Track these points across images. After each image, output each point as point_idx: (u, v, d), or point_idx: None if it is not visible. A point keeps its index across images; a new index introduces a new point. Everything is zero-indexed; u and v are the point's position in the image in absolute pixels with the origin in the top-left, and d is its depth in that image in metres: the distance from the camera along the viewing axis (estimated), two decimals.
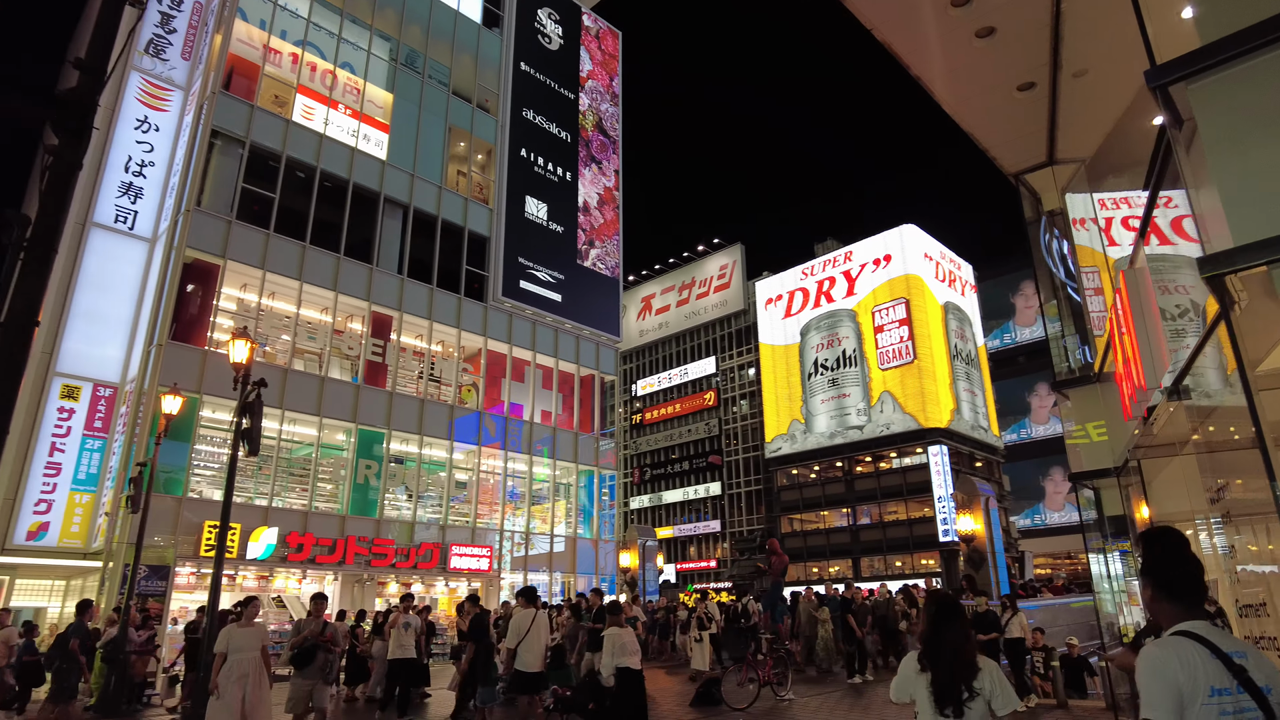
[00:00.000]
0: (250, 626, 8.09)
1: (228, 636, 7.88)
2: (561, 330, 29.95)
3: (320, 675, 8.06)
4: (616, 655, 8.67)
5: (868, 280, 55.10)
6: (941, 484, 49.51)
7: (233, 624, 8.24)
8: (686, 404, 67.79)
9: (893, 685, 3.36)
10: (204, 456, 20.83)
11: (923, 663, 3.17)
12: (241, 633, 7.97)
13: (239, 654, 7.80)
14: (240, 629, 8.02)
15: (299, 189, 23.62)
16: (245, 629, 8.04)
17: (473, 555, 24.15)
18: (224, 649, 7.81)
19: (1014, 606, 11.55)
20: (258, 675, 7.85)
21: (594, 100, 34.02)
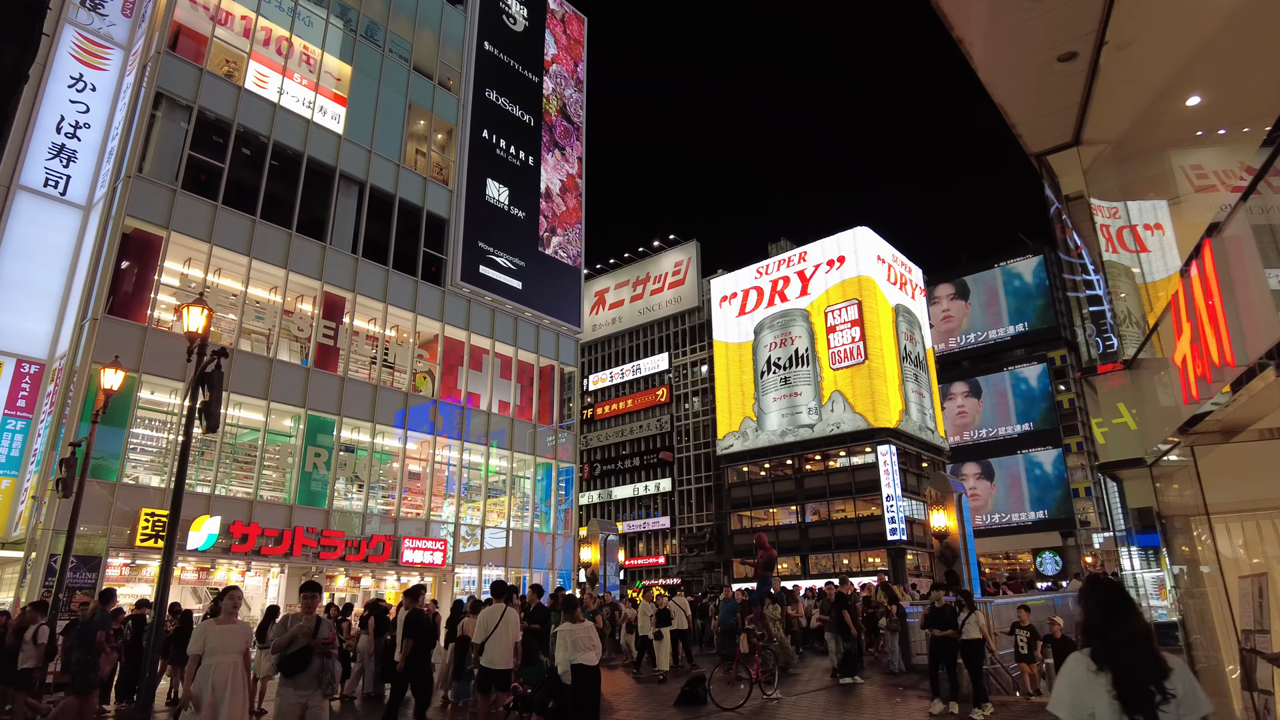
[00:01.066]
0: (231, 624, 6.77)
1: (204, 635, 6.60)
2: (521, 319, 29.14)
3: (316, 685, 6.50)
4: (570, 651, 8.46)
5: (821, 281, 55.48)
6: (890, 483, 50.15)
7: (209, 621, 6.87)
8: (638, 400, 67.40)
9: (1058, 696, 2.78)
10: (141, 440, 19.50)
11: (1098, 661, 2.66)
12: (221, 631, 6.64)
13: (216, 657, 6.51)
14: (219, 626, 6.69)
15: (250, 160, 22.37)
16: (225, 626, 6.72)
17: (425, 549, 23.24)
18: (199, 650, 6.51)
19: (971, 604, 10.79)
20: (237, 683, 6.57)
21: (558, 85, 33.26)
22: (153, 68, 20.48)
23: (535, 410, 28.82)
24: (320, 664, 6.57)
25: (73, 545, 12.12)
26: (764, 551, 13.04)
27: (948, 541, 16.15)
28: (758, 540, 13.46)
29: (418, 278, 25.61)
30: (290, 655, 6.51)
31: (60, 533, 16.88)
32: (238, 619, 6.92)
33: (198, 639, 6.58)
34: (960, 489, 16.90)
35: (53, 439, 18.24)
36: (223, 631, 6.67)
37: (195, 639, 6.59)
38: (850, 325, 52.93)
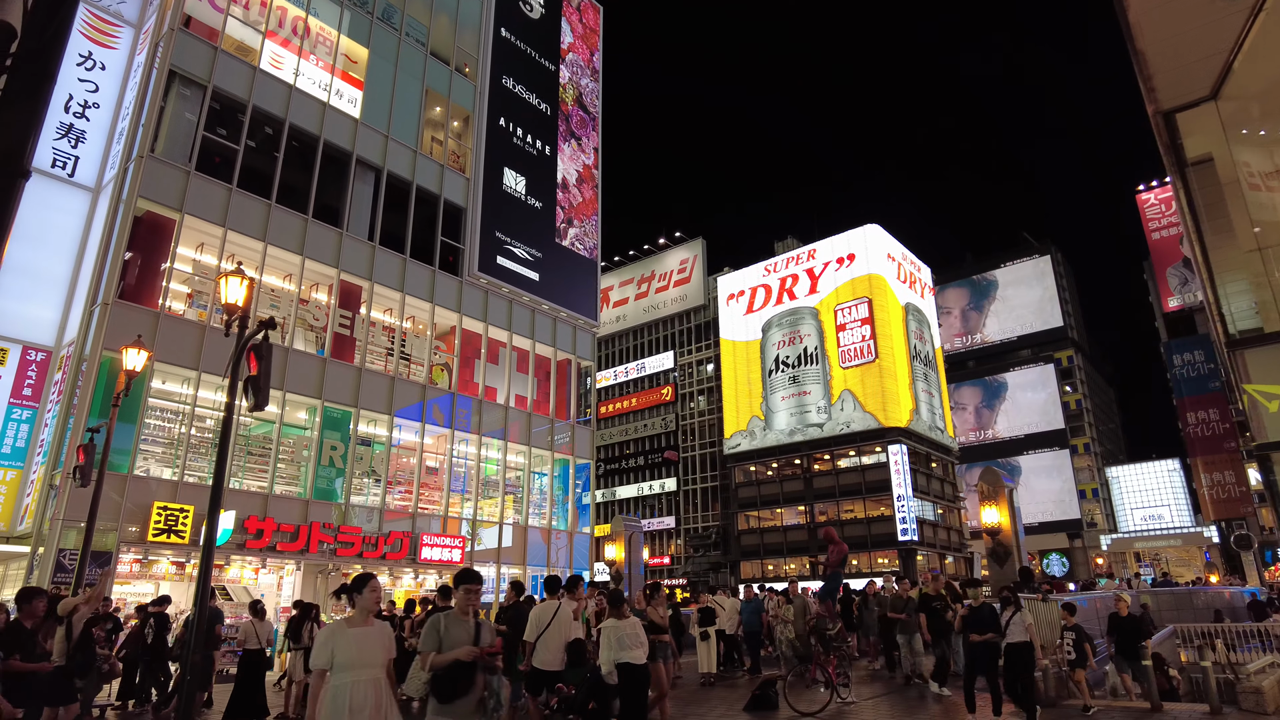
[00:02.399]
0: (369, 626, 4.82)
1: (332, 641, 4.64)
2: (539, 311, 28.41)
3: (481, 713, 4.88)
4: (615, 650, 7.90)
5: (831, 278, 54.90)
6: (901, 483, 49.59)
7: (338, 623, 4.87)
8: (643, 399, 66.70)
9: None
10: (153, 431, 18.70)
11: None
12: (357, 636, 4.69)
13: (353, 673, 4.58)
14: (354, 629, 4.73)
15: (265, 143, 21.60)
16: (362, 630, 4.74)
17: (444, 546, 22.49)
18: (326, 662, 4.59)
19: (1017, 601, 9.50)
20: (383, 707, 4.65)
21: (574, 74, 32.56)
22: (165, 46, 19.69)
23: (552, 405, 28.09)
24: (484, 682, 4.94)
25: (92, 538, 11.35)
26: (835, 546, 12.35)
27: (1000, 538, 15.48)
28: (826, 535, 12.76)
29: (435, 267, 24.86)
30: (449, 675, 4.77)
31: (71, 526, 16.12)
32: (375, 621, 4.97)
33: (324, 647, 4.63)
34: (1010, 484, 16.26)
35: (61, 429, 17.45)
36: (360, 637, 4.69)
37: (321, 647, 4.64)
38: (860, 323, 52.36)
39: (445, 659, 4.87)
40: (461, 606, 5.18)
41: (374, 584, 4.96)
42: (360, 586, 4.92)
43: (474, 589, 5.22)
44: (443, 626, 5.03)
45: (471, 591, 5.21)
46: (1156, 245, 63.32)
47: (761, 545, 54.80)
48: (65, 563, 16.02)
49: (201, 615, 7.76)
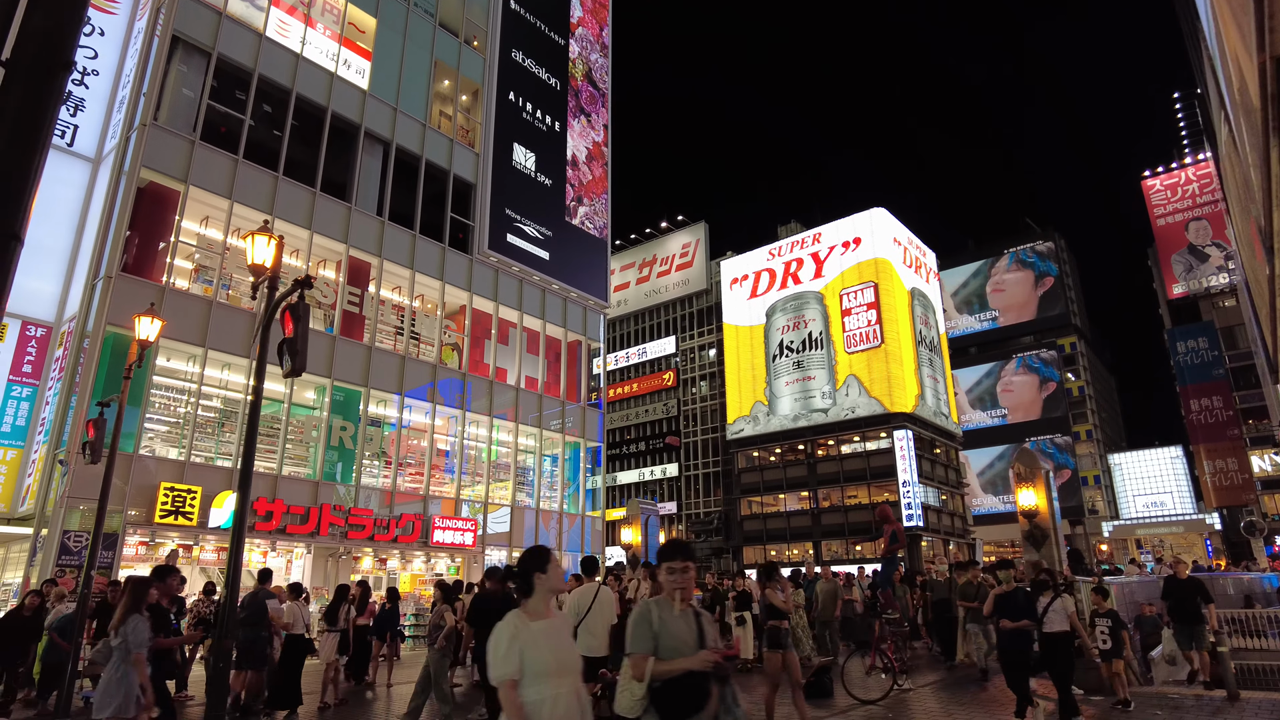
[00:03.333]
0: (551, 618, 3.46)
1: (514, 637, 3.29)
2: (549, 291, 27.80)
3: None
4: None
5: (836, 262, 54.32)
6: (907, 468, 49.24)
7: (517, 615, 3.38)
8: (644, 384, 66.16)
9: None
10: (159, 409, 18.09)
11: None
12: (546, 632, 3.37)
13: (552, 683, 3.28)
14: (539, 622, 3.38)
15: (271, 113, 20.89)
16: (547, 624, 3.41)
17: (456, 529, 21.97)
18: (515, 670, 3.24)
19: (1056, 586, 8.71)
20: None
21: (584, 49, 31.80)
22: (168, 10, 18.92)
23: (563, 387, 27.53)
24: (721, 698, 3.68)
25: (104, 518, 10.76)
26: (889, 526, 11.84)
27: (1037, 521, 15.03)
28: (881, 514, 12.26)
29: (445, 244, 24.22)
30: (677, 689, 3.50)
31: (74, 507, 15.54)
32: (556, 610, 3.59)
33: (509, 650, 3.26)
34: (1048, 467, 15.80)
35: (63, 406, 16.82)
36: (549, 634, 3.37)
37: (506, 651, 3.26)
38: (866, 308, 51.84)
39: (672, 668, 3.51)
40: (677, 588, 3.72)
41: (556, 559, 3.56)
42: (542, 563, 3.45)
43: (683, 567, 3.75)
44: (656, 620, 3.62)
45: (678, 571, 3.72)
46: (1161, 232, 62.98)
47: (765, 530, 54.48)
48: (70, 545, 15.45)
49: (233, 599, 7.19)
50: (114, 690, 5.75)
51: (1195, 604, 10.67)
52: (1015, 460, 15.77)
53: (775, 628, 7.73)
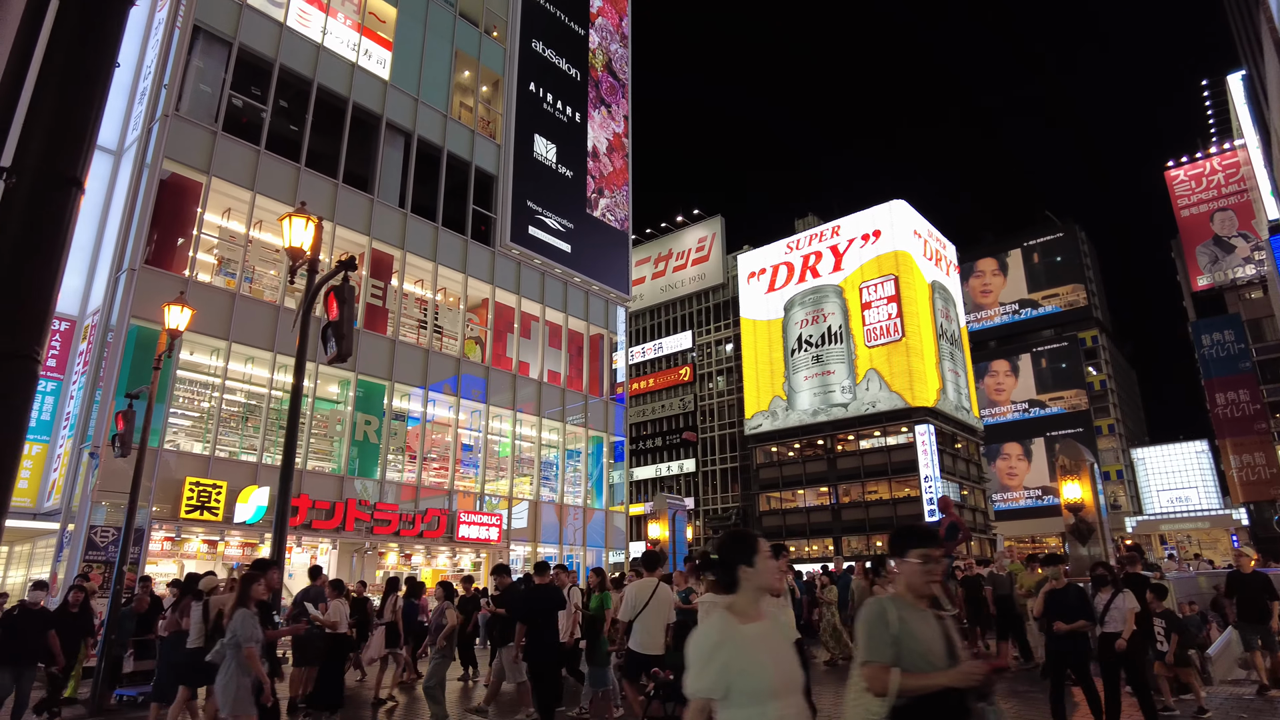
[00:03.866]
0: (761, 620, 2.71)
1: (724, 646, 2.58)
2: (571, 284, 27.47)
3: None
4: None
5: (856, 256, 53.77)
6: (929, 463, 48.72)
7: (724, 616, 2.67)
8: (661, 379, 65.84)
9: None
10: (182, 404, 17.89)
11: None
12: (761, 638, 2.63)
13: (778, 705, 2.55)
14: (750, 627, 2.65)
15: (293, 103, 20.64)
16: (762, 629, 2.67)
17: (481, 524, 21.70)
18: (713, 685, 2.56)
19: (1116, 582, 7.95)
20: None
21: (603, 39, 31.42)
22: (189, 0, 18.68)
23: (586, 380, 27.22)
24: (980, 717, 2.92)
25: (135, 512, 10.53)
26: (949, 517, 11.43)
27: (1082, 515, 14.58)
28: (942, 504, 11.85)
29: (467, 237, 23.93)
30: (931, 708, 2.79)
31: (101, 501, 15.35)
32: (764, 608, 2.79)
33: (710, 659, 2.59)
34: (1092, 459, 15.33)
35: (88, 400, 16.63)
36: (761, 640, 2.64)
37: (706, 660, 2.59)
38: (887, 301, 51.29)
39: (925, 684, 2.78)
40: (919, 586, 2.96)
41: (766, 547, 2.79)
42: (749, 553, 2.73)
43: (932, 556, 2.96)
44: (895, 621, 2.88)
45: (932, 561, 2.94)
46: (1185, 223, 61.97)
47: (784, 526, 54.05)
48: (96, 539, 15.27)
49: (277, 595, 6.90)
50: (229, 688, 5.49)
51: (1264, 601, 10.00)
52: (1060, 453, 15.32)
53: None
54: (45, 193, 2.33)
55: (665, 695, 7.82)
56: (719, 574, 2.84)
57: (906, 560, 3.01)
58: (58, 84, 2.47)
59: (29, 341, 2.24)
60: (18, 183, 2.31)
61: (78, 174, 2.44)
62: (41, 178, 2.33)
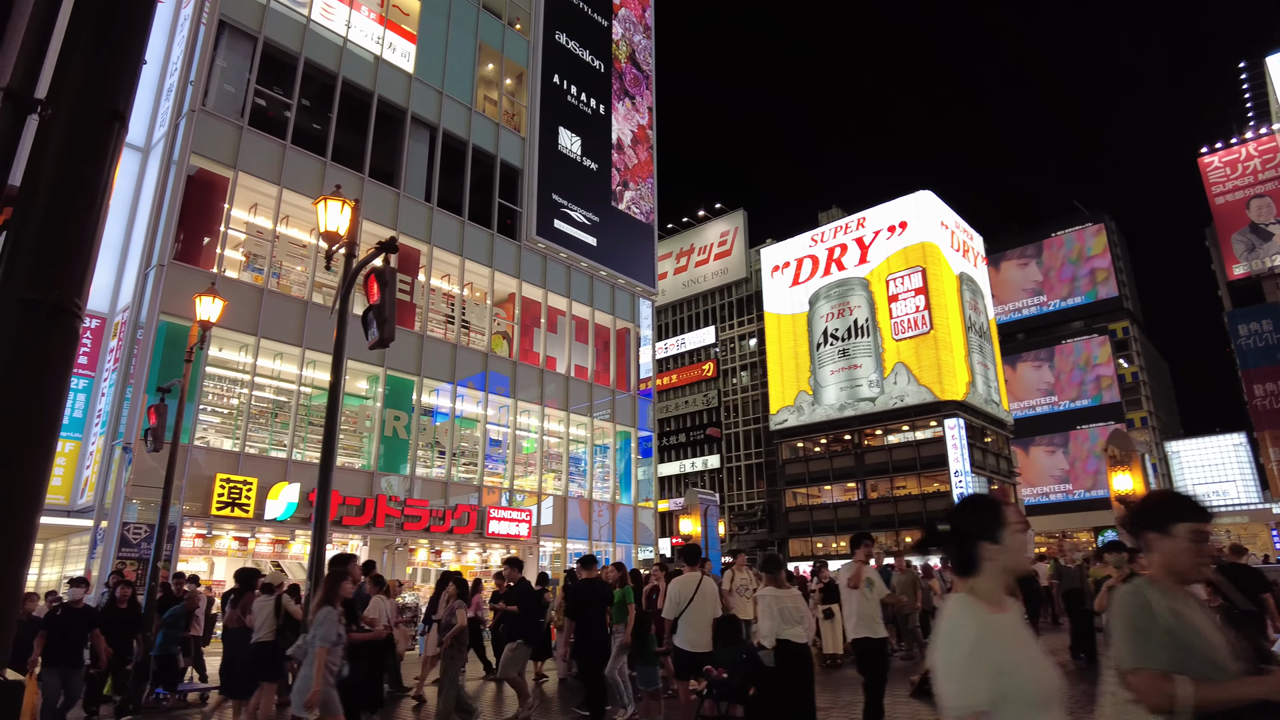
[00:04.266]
0: (1008, 613, 2.13)
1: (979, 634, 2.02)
2: (597, 278, 27.19)
3: None
4: (777, 623, 6.72)
5: (882, 247, 53.03)
6: (959, 458, 47.97)
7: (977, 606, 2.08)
8: (684, 375, 65.42)
9: None
10: (211, 400, 17.80)
11: None
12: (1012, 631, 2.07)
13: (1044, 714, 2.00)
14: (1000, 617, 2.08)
15: (318, 97, 20.50)
16: (1008, 619, 2.10)
17: (511, 520, 21.48)
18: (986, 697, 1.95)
19: None
20: None
21: (627, 30, 31.08)
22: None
23: (613, 375, 26.93)
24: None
25: (169, 507, 10.36)
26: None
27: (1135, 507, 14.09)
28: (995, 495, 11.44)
29: (493, 231, 23.72)
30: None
31: (132, 499, 15.27)
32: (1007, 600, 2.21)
33: (973, 656, 2.00)
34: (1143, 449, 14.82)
35: (119, 397, 16.58)
36: (1020, 633, 2.11)
37: (971, 657, 2.00)
38: (914, 294, 50.54)
39: (1232, 696, 2.15)
40: (1187, 570, 2.36)
41: (1016, 519, 2.21)
42: (994, 526, 2.17)
43: (1205, 532, 2.36)
44: (1166, 614, 2.27)
45: (1203, 536, 2.35)
46: (1220, 210, 60.60)
47: (811, 523, 53.53)
48: (129, 536, 15.20)
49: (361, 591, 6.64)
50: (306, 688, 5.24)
51: None
52: (1109, 443, 14.81)
53: None
54: (85, 127, 2.05)
55: (718, 694, 7.50)
56: (953, 552, 2.25)
57: (1170, 536, 2.35)
58: (98, 6, 2.18)
59: (68, 293, 1.96)
60: (54, 115, 2.03)
61: (120, 107, 2.15)
62: (81, 110, 2.05)
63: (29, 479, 1.86)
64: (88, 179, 2.04)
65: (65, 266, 1.97)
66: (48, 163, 2.00)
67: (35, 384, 1.89)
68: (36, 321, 1.89)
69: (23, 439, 1.85)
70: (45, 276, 1.93)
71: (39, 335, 1.89)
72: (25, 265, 1.93)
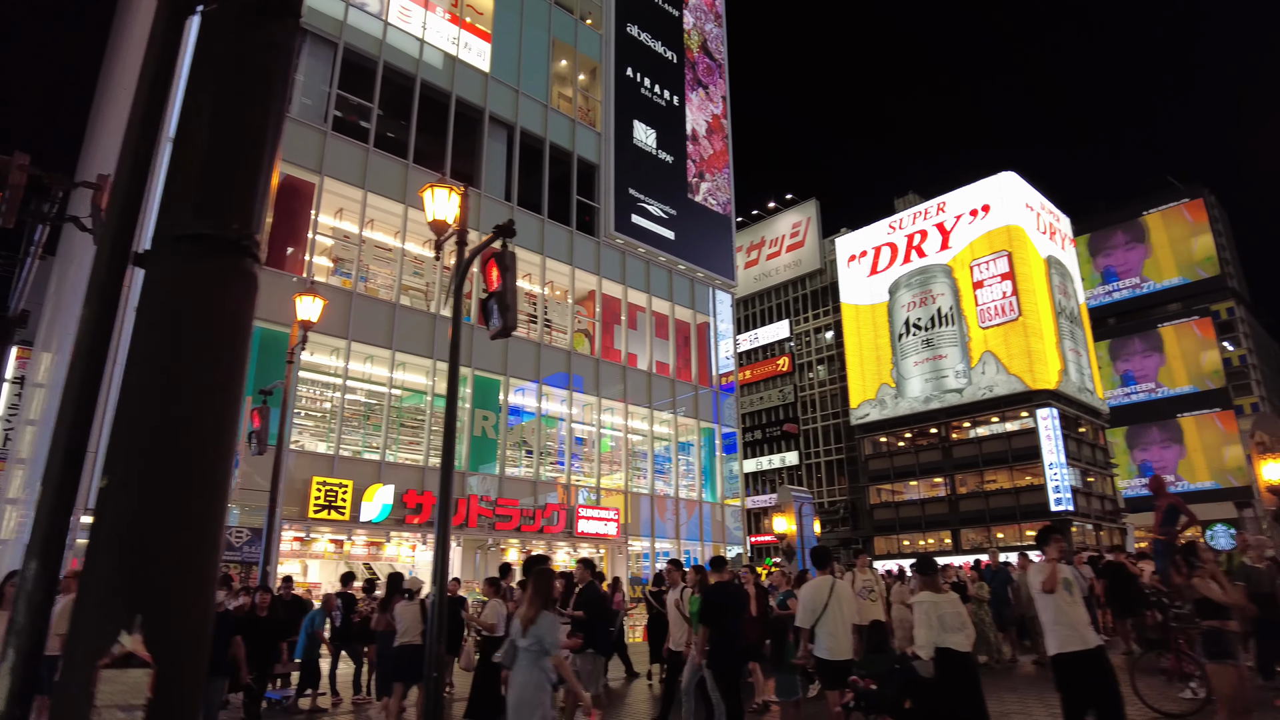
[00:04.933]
0: None
1: None
2: (675, 272, 26.69)
3: None
4: (936, 631, 6.18)
5: (964, 232, 51.04)
6: (1053, 449, 45.77)
7: None
8: (757, 370, 64.35)
9: None
10: (305, 404, 17.97)
11: None
12: None
13: None
14: None
15: (397, 100, 20.56)
16: None
17: (599, 519, 21.17)
18: None
19: None
20: None
21: (698, 19, 30.49)
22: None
23: (694, 370, 26.40)
24: None
25: (278, 510, 10.29)
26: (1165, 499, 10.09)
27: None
28: (1155, 485, 10.54)
29: (572, 228, 23.47)
30: None
31: (233, 504, 15.45)
32: None
33: None
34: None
35: None
36: None
37: None
38: (1000, 279, 48.46)
39: None
40: None
41: None
42: None
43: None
44: None
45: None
46: None
47: (897, 519, 51.90)
48: (231, 540, 15.38)
49: (442, 599, 6.33)
50: (532, 698, 4.86)
51: None
52: (1256, 429, 13.54)
53: (1217, 630, 6.12)
54: (254, 23, 1.65)
55: (867, 706, 6.91)
56: None
57: None
58: None
59: (242, 226, 1.56)
60: (219, 10, 1.64)
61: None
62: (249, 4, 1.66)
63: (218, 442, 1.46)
64: (259, 84, 1.63)
65: (238, 192, 1.56)
66: (212, 66, 1.60)
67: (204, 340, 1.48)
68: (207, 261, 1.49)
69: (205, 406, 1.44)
70: (214, 205, 1.52)
71: (213, 278, 1.49)
72: (189, 193, 1.53)
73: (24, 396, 30.56)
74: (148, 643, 1.26)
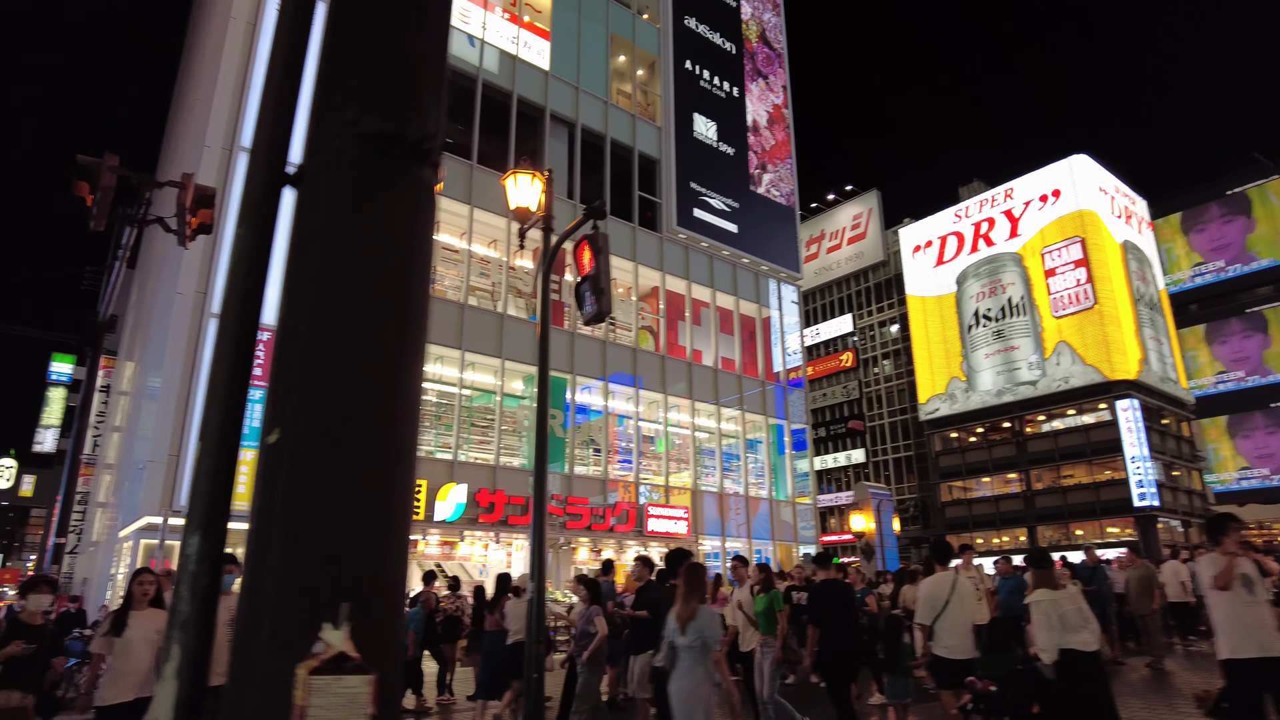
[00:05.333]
0: None
1: None
2: (739, 266, 26.27)
3: None
4: (1057, 631, 5.83)
5: (1034, 219, 49.26)
6: (1135, 442, 43.77)
7: None
8: (820, 367, 63.21)
9: None
10: None
11: None
12: None
13: None
14: None
15: (460, 100, 20.64)
16: None
17: (670, 517, 20.92)
18: None
19: None
20: None
21: (756, 9, 30.00)
22: None
23: (760, 365, 25.94)
24: None
25: None
26: None
27: None
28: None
29: (635, 224, 23.27)
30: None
31: None
32: None
33: None
34: None
35: None
36: None
37: None
38: (1074, 266, 46.61)
39: None
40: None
41: None
42: None
43: None
44: None
45: None
46: None
47: (970, 517, 50.37)
48: None
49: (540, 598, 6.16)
50: (696, 695, 4.63)
51: None
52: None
53: None
54: None
55: (986, 709, 6.51)
56: None
57: None
58: None
59: (420, 122, 1.33)
60: None
61: None
62: None
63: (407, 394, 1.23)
64: None
65: (402, 77, 1.33)
66: None
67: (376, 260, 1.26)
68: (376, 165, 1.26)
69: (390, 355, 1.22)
70: (381, 98, 1.30)
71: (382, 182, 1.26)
72: (352, 85, 1.30)
73: (110, 404, 31.79)
74: (356, 640, 1.03)
